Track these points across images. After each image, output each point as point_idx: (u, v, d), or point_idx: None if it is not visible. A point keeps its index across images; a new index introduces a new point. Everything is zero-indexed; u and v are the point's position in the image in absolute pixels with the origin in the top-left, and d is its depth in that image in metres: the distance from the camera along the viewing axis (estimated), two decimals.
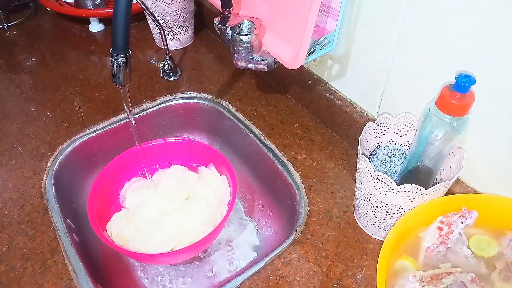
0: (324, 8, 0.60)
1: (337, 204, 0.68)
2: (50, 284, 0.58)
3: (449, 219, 0.52)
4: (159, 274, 0.74)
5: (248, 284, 0.58)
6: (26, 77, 0.94)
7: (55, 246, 0.63)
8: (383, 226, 0.60)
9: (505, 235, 0.53)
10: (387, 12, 0.58)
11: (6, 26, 1.09)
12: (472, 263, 0.51)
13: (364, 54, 0.65)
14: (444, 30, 0.52)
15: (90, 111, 0.85)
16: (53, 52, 1.02)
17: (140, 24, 1.08)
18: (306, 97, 0.82)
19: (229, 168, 0.73)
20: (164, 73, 0.93)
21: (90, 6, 1.06)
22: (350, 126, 0.74)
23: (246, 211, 0.85)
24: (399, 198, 0.53)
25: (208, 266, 0.76)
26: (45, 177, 0.73)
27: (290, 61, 0.59)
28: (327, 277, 0.59)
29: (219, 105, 0.88)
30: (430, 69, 0.56)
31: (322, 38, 0.60)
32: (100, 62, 0.99)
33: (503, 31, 0.46)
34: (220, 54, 1.01)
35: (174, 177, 0.79)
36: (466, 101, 0.47)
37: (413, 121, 0.62)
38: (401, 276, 0.50)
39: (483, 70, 0.50)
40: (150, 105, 0.87)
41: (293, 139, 0.79)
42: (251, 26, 0.62)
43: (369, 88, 0.69)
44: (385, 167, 0.63)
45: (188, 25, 1.01)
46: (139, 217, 0.73)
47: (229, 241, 0.79)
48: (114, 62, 0.49)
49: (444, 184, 0.52)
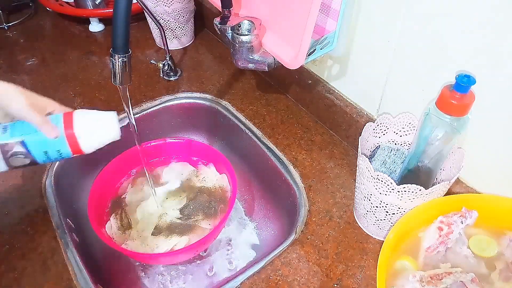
0: (324, 8, 0.60)
1: (337, 204, 0.68)
2: (50, 284, 0.58)
3: (449, 219, 0.52)
4: (159, 274, 0.74)
5: (248, 284, 0.59)
6: (26, 77, 0.94)
7: (55, 246, 0.63)
8: (383, 226, 0.60)
9: (505, 235, 0.53)
10: (387, 12, 0.58)
11: (6, 26, 1.09)
12: (472, 263, 0.51)
13: (364, 54, 0.65)
14: (444, 30, 0.52)
15: None
16: (53, 52, 1.02)
17: (140, 24, 1.08)
18: (306, 97, 0.82)
19: (229, 168, 0.73)
20: (164, 73, 0.93)
21: (90, 6, 1.06)
22: (350, 126, 0.74)
23: (246, 211, 0.85)
24: (399, 198, 0.53)
25: (208, 266, 0.76)
26: (45, 177, 0.73)
27: (290, 61, 0.59)
28: (327, 277, 0.59)
29: (219, 105, 0.88)
30: (430, 69, 0.56)
31: (322, 38, 0.60)
32: (100, 62, 0.99)
33: (503, 31, 0.46)
34: (220, 54, 1.01)
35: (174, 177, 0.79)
36: (466, 101, 0.47)
37: (413, 121, 0.62)
38: (401, 276, 0.50)
39: (483, 70, 0.50)
40: (150, 105, 0.87)
41: (293, 139, 0.79)
42: (251, 26, 0.62)
43: (369, 88, 0.69)
44: (385, 167, 0.63)
45: (188, 25, 1.01)
46: (139, 217, 0.73)
47: (229, 240, 0.79)
48: (114, 62, 0.49)
49: (444, 184, 0.52)
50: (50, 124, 0.50)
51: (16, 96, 0.49)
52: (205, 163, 0.81)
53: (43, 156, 0.51)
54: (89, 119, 0.53)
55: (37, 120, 0.49)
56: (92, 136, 0.53)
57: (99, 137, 0.54)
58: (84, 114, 0.53)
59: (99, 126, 0.53)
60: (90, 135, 0.53)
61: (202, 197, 0.76)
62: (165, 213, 0.74)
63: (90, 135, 0.53)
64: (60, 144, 0.51)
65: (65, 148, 0.52)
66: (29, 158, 0.51)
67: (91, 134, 0.53)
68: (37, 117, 0.49)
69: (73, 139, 0.51)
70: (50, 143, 0.51)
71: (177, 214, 0.73)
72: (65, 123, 0.51)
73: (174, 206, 0.75)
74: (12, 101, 0.49)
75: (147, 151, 0.79)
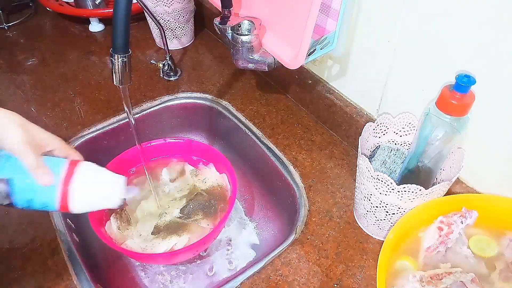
0: (324, 8, 0.60)
1: (337, 204, 0.68)
2: (50, 284, 0.58)
3: (449, 219, 0.52)
4: (159, 274, 0.74)
5: (248, 284, 0.59)
6: (26, 77, 0.94)
7: (55, 246, 0.63)
8: (383, 226, 0.60)
9: (505, 235, 0.53)
10: (387, 12, 0.58)
11: (6, 26, 1.09)
12: (472, 263, 0.51)
13: (364, 54, 0.65)
14: (444, 30, 0.52)
15: (90, 111, 0.85)
16: (53, 52, 1.02)
17: (140, 24, 1.08)
18: (306, 97, 0.82)
19: (229, 168, 0.73)
20: (164, 73, 0.93)
21: (90, 6, 1.06)
22: (350, 126, 0.74)
23: (246, 211, 0.85)
24: (399, 198, 0.53)
25: (208, 266, 0.76)
26: None
27: (290, 61, 0.59)
28: (327, 277, 0.59)
29: (219, 105, 0.88)
30: (430, 69, 0.56)
31: (322, 38, 0.60)
32: (100, 62, 0.99)
33: (503, 31, 0.46)
34: (220, 54, 1.01)
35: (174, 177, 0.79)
36: (466, 101, 0.47)
37: (413, 121, 0.62)
38: (401, 276, 0.50)
39: (483, 70, 0.50)
40: (150, 105, 0.87)
41: (293, 139, 0.79)
42: (251, 26, 0.62)
43: (369, 88, 0.69)
44: (385, 167, 0.63)
45: (188, 25, 1.01)
46: (139, 216, 0.73)
47: (229, 240, 0.79)
48: (114, 62, 0.49)
49: (444, 184, 0.52)
50: (43, 169, 0.44)
51: (12, 129, 0.43)
52: (205, 163, 0.81)
53: (25, 203, 0.44)
54: (95, 178, 0.47)
55: (30, 161, 0.43)
56: (89, 198, 0.47)
57: (97, 202, 0.47)
58: (91, 170, 0.47)
59: (102, 189, 0.47)
60: (87, 196, 0.46)
61: (202, 197, 0.75)
62: (165, 212, 0.74)
63: (88, 197, 0.46)
64: (48, 194, 0.44)
65: (53, 201, 0.45)
66: (8, 199, 0.44)
67: (89, 196, 0.46)
68: (31, 158, 0.43)
69: (67, 195, 0.45)
70: (38, 191, 0.44)
71: (177, 214, 0.73)
72: (66, 173, 0.44)
73: (174, 205, 0.75)
74: (7, 134, 0.43)
75: (147, 151, 0.78)
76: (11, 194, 0.43)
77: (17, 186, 0.43)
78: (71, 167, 0.45)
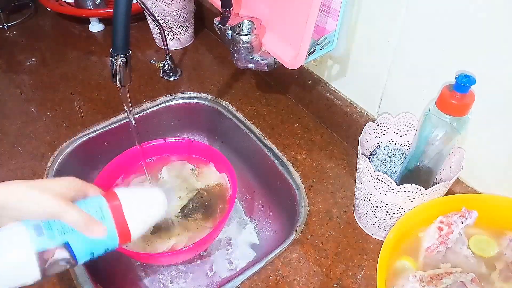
0: (324, 8, 0.60)
1: (337, 204, 0.68)
2: (50, 284, 0.58)
3: (449, 219, 0.52)
4: (160, 274, 0.74)
5: (248, 284, 0.59)
6: (26, 77, 0.94)
7: None
8: (383, 226, 0.60)
9: (505, 235, 0.53)
10: (387, 12, 0.58)
11: (6, 26, 1.09)
12: (472, 263, 0.51)
13: (364, 54, 0.65)
14: (444, 30, 0.52)
15: (90, 111, 0.85)
16: (53, 52, 1.02)
17: (140, 24, 1.08)
18: (306, 97, 0.82)
19: (229, 167, 0.73)
20: (164, 73, 0.93)
21: (90, 6, 1.06)
22: (350, 126, 0.74)
23: (246, 211, 0.85)
24: (399, 198, 0.53)
25: (208, 265, 0.76)
26: (45, 177, 0.73)
27: (290, 61, 0.59)
28: (327, 277, 0.59)
29: (219, 105, 0.88)
30: (430, 69, 0.56)
31: (322, 38, 0.60)
32: (100, 62, 0.99)
33: (503, 31, 0.46)
34: (220, 54, 1.01)
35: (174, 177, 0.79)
36: (466, 101, 0.47)
37: (413, 121, 0.62)
38: (401, 276, 0.50)
39: (483, 70, 0.50)
40: (150, 105, 0.87)
41: (293, 139, 0.79)
42: (251, 26, 0.62)
43: (369, 88, 0.69)
44: (385, 167, 0.63)
45: (188, 25, 1.01)
46: None
47: (229, 240, 0.79)
48: (114, 62, 0.49)
49: (444, 184, 0.52)
50: (91, 222, 0.39)
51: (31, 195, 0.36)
52: (205, 163, 0.81)
53: (88, 256, 0.41)
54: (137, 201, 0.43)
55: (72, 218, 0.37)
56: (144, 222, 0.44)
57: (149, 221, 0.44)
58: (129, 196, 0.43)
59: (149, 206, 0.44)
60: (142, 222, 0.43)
61: (202, 196, 0.76)
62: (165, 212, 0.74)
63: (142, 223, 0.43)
64: (108, 241, 0.41)
65: (114, 243, 0.42)
66: (71, 263, 0.40)
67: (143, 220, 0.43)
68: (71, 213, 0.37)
69: (126, 231, 0.41)
70: (97, 242, 0.40)
71: (177, 214, 0.73)
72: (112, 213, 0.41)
73: (174, 205, 0.75)
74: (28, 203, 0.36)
75: (147, 151, 0.79)
76: (74, 256, 0.39)
77: (75, 247, 0.39)
78: (111, 204, 0.42)
